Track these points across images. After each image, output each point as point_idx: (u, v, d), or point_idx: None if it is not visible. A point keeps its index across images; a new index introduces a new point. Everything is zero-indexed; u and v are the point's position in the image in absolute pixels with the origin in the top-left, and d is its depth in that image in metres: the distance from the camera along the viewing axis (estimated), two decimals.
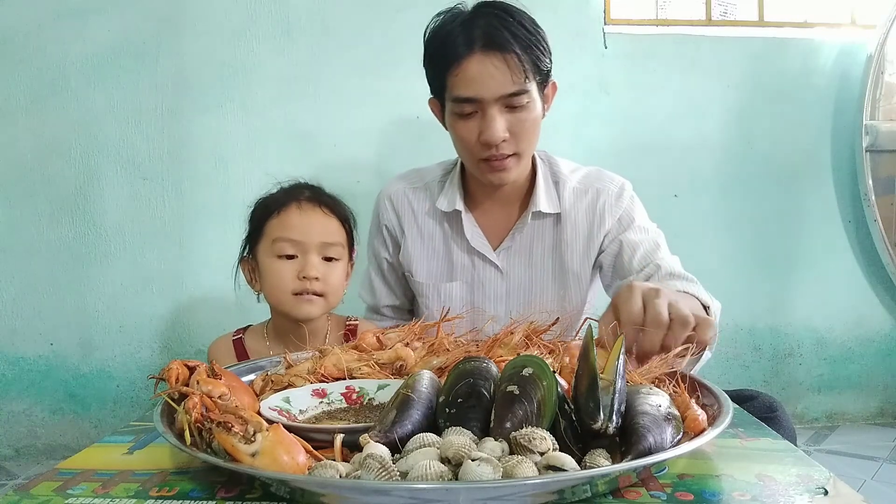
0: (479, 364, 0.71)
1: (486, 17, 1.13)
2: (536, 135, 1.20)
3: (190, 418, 0.63)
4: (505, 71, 1.11)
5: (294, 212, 1.18)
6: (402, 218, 1.35)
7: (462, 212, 1.29)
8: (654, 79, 2.11)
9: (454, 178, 1.32)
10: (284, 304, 1.17)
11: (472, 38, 1.12)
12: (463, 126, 1.17)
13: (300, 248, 1.16)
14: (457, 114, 1.17)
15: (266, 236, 1.19)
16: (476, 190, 1.31)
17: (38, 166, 1.98)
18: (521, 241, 1.30)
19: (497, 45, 1.11)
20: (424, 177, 1.37)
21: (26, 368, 2.04)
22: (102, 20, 1.95)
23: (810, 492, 0.56)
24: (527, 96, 1.14)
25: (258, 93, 2.01)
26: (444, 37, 1.15)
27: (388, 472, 0.53)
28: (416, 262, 1.34)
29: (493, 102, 1.13)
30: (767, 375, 2.24)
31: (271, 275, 1.17)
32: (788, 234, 2.21)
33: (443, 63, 1.15)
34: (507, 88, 1.12)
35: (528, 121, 1.16)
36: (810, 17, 2.17)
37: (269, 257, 1.17)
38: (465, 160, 1.25)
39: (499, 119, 1.13)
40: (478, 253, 1.30)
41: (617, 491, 0.57)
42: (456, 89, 1.15)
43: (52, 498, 0.59)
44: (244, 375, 0.88)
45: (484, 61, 1.11)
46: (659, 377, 0.77)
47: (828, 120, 2.18)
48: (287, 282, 1.16)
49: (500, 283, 1.31)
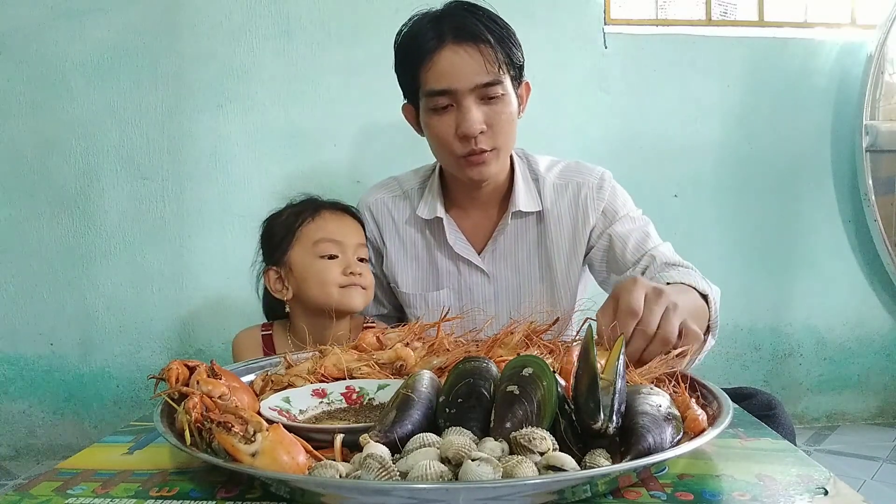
0: (479, 364, 0.71)
1: (456, 12, 1.13)
2: (513, 131, 1.18)
3: (190, 418, 0.63)
4: (479, 60, 1.10)
5: (329, 216, 1.25)
6: (383, 228, 1.33)
7: (443, 218, 1.27)
8: (654, 79, 2.11)
9: (433, 184, 1.30)
10: (333, 298, 1.20)
11: (442, 32, 1.11)
12: (438, 122, 1.14)
13: (341, 248, 1.22)
14: (431, 109, 1.14)
15: (303, 240, 1.23)
16: (456, 194, 1.28)
17: (38, 166, 1.98)
18: (505, 242, 1.28)
19: (469, 36, 1.10)
20: (403, 184, 1.35)
21: (26, 368, 2.04)
22: (102, 20, 1.95)
23: (810, 492, 0.56)
24: (501, 88, 1.12)
25: (258, 93, 2.00)
26: (415, 35, 1.14)
27: (388, 472, 0.53)
28: (400, 272, 1.32)
29: (467, 93, 1.11)
30: (767, 375, 2.24)
31: (317, 273, 1.21)
32: (788, 233, 2.21)
33: (414, 60, 1.13)
34: (481, 78, 1.10)
35: (504, 114, 1.13)
36: (810, 17, 2.17)
37: (311, 258, 1.22)
38: (442, 160, 1.23)
39: (475, 110, 1.11)
40: (462, 259, 1.28)
41: (617, 491, 0.57)
42: (429, 83, 1.12)
43: (52, 498, 0.59)
44: (244, 375, 0.88)
45: (457, 51, 1.10)
46: (659, 377, 0.77)
47: (828, 120, 2.18)
48: (335, 277, 1.21)
49: (488, 286, 1.29)
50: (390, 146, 2.01)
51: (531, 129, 1.60)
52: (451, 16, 1.13)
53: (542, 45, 2.02)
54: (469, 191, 1.26)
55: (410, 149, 1.99)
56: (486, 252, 1.28)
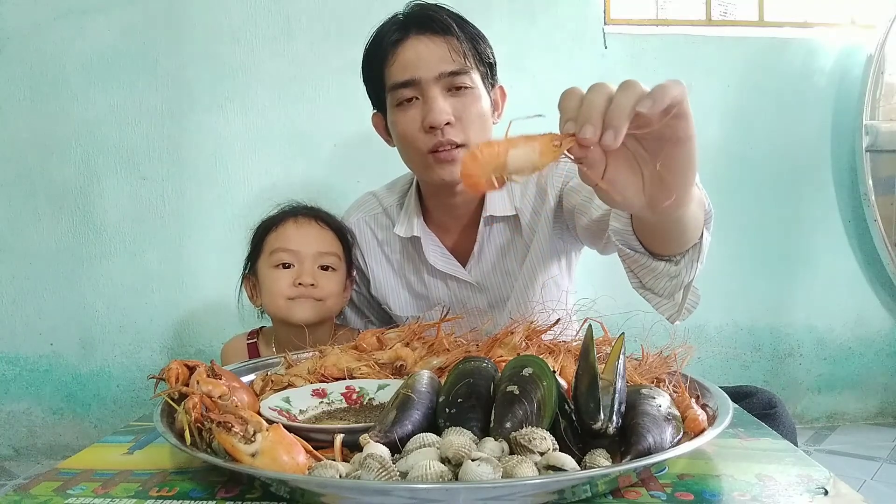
0: (479, 364, 0.71)
1: (419, 10, 1.11)
2: (486, 129, 1.12)
3: (190, 418, 0.63)
4: (443, 48, 1.06)
5: (290, 225, 1.23)
6: (366, 250, 1.29)
7: (421, 236, 1.22)
8: (654, 79, 2.07)
9: (410, 200, 1.25)
10: (281, 310, 1.19)
11: (406, 26, 1.09)
12: (403, 116, 1.09)
13: (296, 257, 1.20)
14: (396, 105, 1.10)
15: (265, 250, 1.22)
16: (434, 207, 1.23)
17: (38, 166, 1.98)
18: (488, 250, 1.23)
19: (433, 26, 1.08)
20: (382, 201, 1.30)
21: (26, 368, 2.04)
22: (102, 20, 1.95)
23: (810, 492, 0.56)
24: (469, 79, 1.08)
25: (258, 93, 2.01)
26: (378, 35, 1.13)
27: (388, 472, 0.53)
28: (391, 295, 1.29)
29: (432, 83, 1.06)
30: (767, 375, 2.24)
31: (269, 284, 1.20)
32: (788, 233, 2.21)
33: (378, 59, 1.11)
34: (446, 66, 1.06)
35: (473, 107, 1.08)
36: (810, 17, 2.17)
37: (268, 269, 1.21)
38: (410, 161, 1.16)
39: (440, 100, 1.06)
40: (449, 275, 1.24)
41: (617, 491, 0.57)
42: (393, 76, 1.09)
43: (52, 498, 0.59)
44: (244, 375, 0.88)
45: (421, 40, 1.07)
46: (659, 377, 0.77)
47: (828, 120, 2.18)
48: (283, 288, 1.18)
49: (480, 297, 1.25)
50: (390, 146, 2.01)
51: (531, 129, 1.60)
52: (415, 13, 1.11)
53: (542, 45, 2.03)
54: (445, 199, 1.19)
55: None
56: (472, 263, 1.23)
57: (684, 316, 0.93)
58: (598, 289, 1.34)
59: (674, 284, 0.87)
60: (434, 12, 1.10)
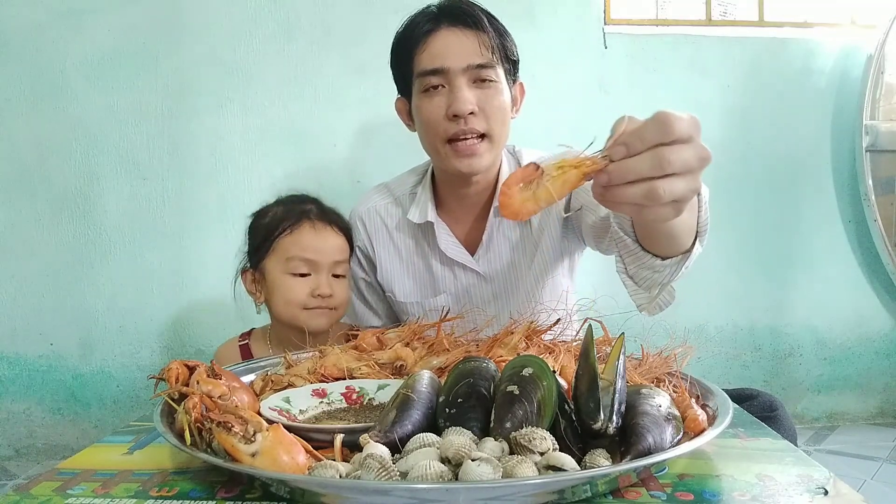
0: (479, 364, 0.71)
1: (453, 3, 1.15)
2: (506, 123, 1.16)
3: (190, 418, 0.63)
4: (473, 41, 1.11)
5: (308, 231, 1.20)
6: (375, 237, 1.32)
7: (434, 222, 1.25)
8: (654, 79, 2.11)
9: (425, 186, 1.28)
10: (296, 318, 1.19)
11: (438, 17, 1.14)
12: (429, 103, 1.13)
13: (314, 266, 1.19)
14: (423, 91, 1.14)
15: (278, 253, 1.20)
16: (447, 196, 1.27)
17: (38, 166, 1.98)
18: (497, 241, 1.26)
19: (464, 20, 1.12)
20: (395, 190, 1.34)
21: (26, 368, 2.04)
22: (102, 20, 1.95)
23: (810, 492, 0.56)
24: (494, 74, 1.13)
25: (258, 93, 2.00)
26: (411, 24, 1.17)
27: (388, 472, 0.53)
28: (396, 281, 1.31)
29: (460, 73, 1.11)
30: (767, 375, 2.24)
31: (284, 291, 1.19)
32: (788, 233, 2.21)
33: (410, 46, 1.15)
34: (474, 59, 1.11)
35: (496, 100, 1.13)
36: (810, 17, 2.16)
37: (282, 274, 1.20)
38: (431, 148, 1.19)
39: (466, 90, 1.11)
40: (457, 262, 1.27)
41: (617, 491, 0.57)
42: (422, 64, 1.13)
43: (52, 498, 0.59)
44: (244, 375, 0.89)
45: (452, 31, 1.12)
46: (659, 377, 0.77)
47: (828, 120, 2.18)
48: (301, 298, 1.18)
49: (485, 288, 1.28)
50: (390, 146, 2.01)
51: (531, 129, 1.60)
52: (448, 6, 1.16)
53: (542, 46, 2.03)
54: (459, 189, 1.23)
55: (410, 149, 2.00)
56: (480, 253, 1.26)
57: (655, 311, 0.95)
58: (598, 289, 1.35)
59: (654, 279, 0.89)
60: (467, 6, 1.15)
